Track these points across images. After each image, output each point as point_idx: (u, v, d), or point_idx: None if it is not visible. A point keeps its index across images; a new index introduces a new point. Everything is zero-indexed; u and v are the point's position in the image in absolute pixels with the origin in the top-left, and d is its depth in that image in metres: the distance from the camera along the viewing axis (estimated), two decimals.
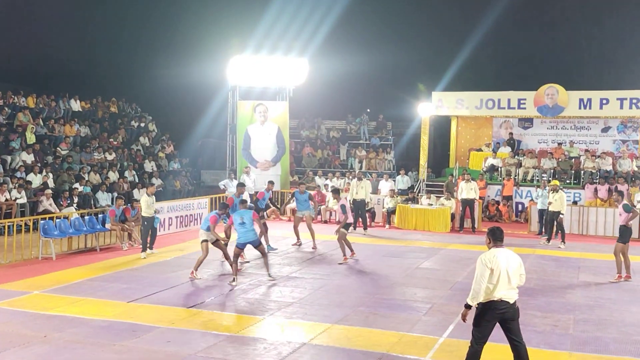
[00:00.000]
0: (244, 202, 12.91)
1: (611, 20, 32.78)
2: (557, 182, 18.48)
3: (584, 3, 34.25)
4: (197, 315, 9.92)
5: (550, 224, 17.59)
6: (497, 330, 7.12)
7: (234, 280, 11.98)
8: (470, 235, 19.16)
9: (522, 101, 25.41)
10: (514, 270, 6.97)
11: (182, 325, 9.34)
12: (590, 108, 24.48)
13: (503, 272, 6.87)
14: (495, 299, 6.88)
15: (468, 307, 7.02)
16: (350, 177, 22.54)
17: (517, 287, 7.06)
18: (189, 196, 23.91)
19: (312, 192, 22.74)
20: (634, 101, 23.85)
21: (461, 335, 8.91)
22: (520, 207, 23.13)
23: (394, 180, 24.32)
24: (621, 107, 24.08)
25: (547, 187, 18.49)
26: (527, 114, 25.84)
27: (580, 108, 24.61)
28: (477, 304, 6.97)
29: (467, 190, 19.96)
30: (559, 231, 17.37)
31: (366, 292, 11.68)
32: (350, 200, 19.96)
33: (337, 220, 21.01)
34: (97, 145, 24.31)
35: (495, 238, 7.10)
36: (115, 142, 25.71)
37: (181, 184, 25.49)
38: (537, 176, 23.63)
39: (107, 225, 16.05)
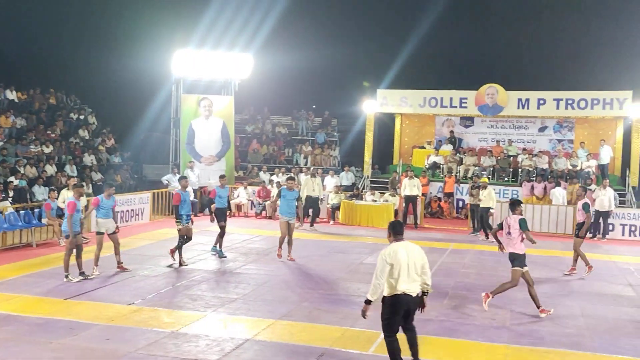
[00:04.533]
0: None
1: (549, 22, 33.82)
2: (486, 180, 19.08)
3: (523, 5, 35.22)
4: (137, 312, 9.74)
5: (482, 219, 18.13)
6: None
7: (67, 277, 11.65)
8: (413, 231, 19.45)
9: (463, 100, 25.96)
10: (415, 263, 7.10)
11: (121, 323, 9.16)
12: (528, 108, 25.21)
13: (404, 266, 7.01)
14: (399, 292, 7.02)
15: (368, 302, 7.12)
16: (308, 174, 21.71)
17: (420, 279, 7.16)
18: (130, 191, 23.41)
19: (258, 188, 22.74)
20: (570, 102, 24.69)
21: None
22: (461, 203, 23.63)
23: (339, 177, 24.47)
24: (557, 108, 24.88)
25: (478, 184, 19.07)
26: (468, 112, 26.41)
27: (518, 108, 25.31)
28: (384, 298, 7.09)
29: (410, 187, 20.28)
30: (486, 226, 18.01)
31: (310, 287, 11.72)
32: (303, 197, 19.86)
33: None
34: (33, 137, 23.53)
35: (396, 232, 7.25)
36: (53, 135, 24.94)
37: (122, 178, 24.91)
38: (478, 173, 24.20)
39: (44, 220, 15.56)
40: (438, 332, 9.02)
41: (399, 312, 7.10)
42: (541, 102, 25.00)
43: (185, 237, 13.39)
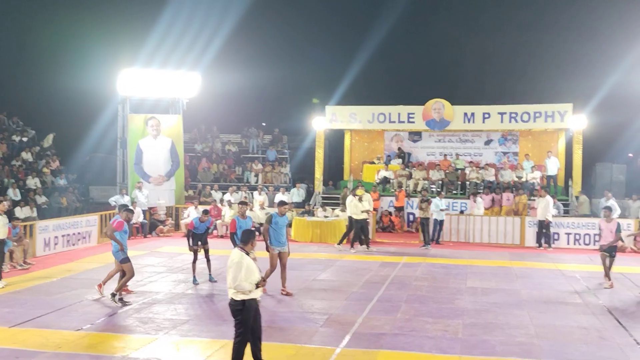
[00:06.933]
0: None
1: (491, 38, 34.87)
2: (361, 192, 18.97)
3: (467, 24, 36.25)
4: (86, 337, 9.46)
5: (364, 231, 18.53)
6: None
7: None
8: (364, 246, 19.52)
9: (411, 115, 26.40)
10: (227, 269, 7.68)
11: (70, 349, 8.87)
12: (473, 122, 25.83)
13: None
14: None
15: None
16: (350, 193, 20.41)
17: (231, 285, 7.64)
18: (76, 213, 22.84)
19: (209, 207, 22.44)
20: (513, 115, 25.40)
21: (357, 345, 9.07)
22: (411, 217, 23.91)
23: (290, 193, 24.46)
24: (501, 121, 25.58)
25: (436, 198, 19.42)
26: (416, 127, 26.85)
27: (464, 122, 25.90)
28: None
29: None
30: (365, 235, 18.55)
31: (263, 305, 11.54)
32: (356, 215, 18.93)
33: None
34: None
35: (241, 239, 7.89)
36: None
37: (68, 200, 24.30)
38: (427, 187, 24.56)
39: None
40: (391, 345, 9.06)
41: None
42: (486, 116, 25.64)
43: None
